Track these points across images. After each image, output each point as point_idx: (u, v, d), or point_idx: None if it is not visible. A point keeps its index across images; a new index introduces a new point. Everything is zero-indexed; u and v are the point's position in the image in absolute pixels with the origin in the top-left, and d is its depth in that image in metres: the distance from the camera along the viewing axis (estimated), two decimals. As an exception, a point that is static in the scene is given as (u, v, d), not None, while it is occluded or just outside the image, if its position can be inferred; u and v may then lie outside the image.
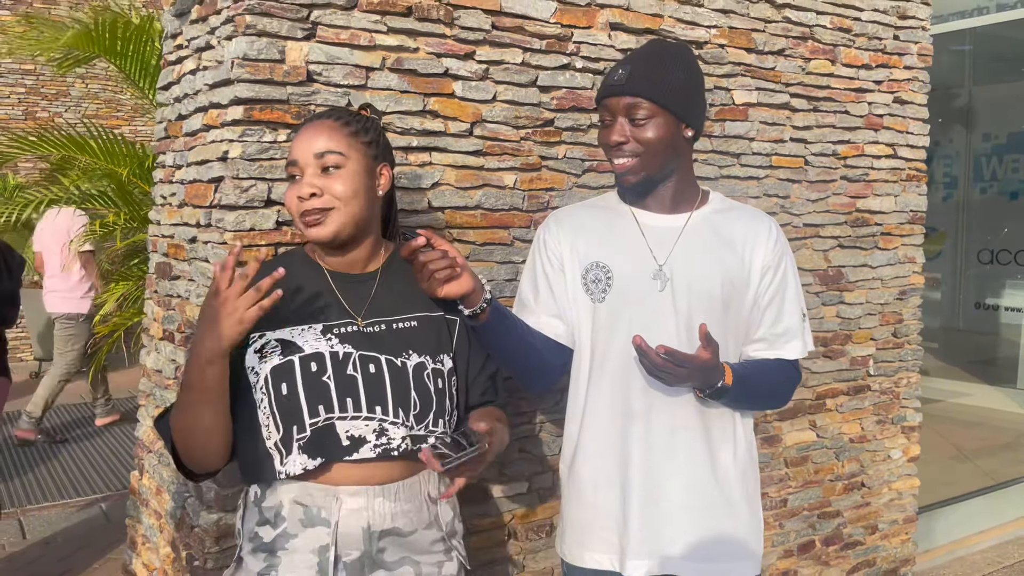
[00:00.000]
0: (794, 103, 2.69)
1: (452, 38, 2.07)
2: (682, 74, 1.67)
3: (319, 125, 1.52)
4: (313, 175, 1.49)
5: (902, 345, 3.08)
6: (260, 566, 1.49)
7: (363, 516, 1.47)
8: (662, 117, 1.62)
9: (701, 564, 1.66)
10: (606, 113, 1.67)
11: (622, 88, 1.63)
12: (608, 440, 1.70)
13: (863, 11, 2.83)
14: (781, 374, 1.75)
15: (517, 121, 2.18)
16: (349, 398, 1.46)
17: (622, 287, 1.68)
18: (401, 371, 1.50)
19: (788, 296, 1.73)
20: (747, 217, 1.75)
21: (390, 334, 1.54)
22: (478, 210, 2.15)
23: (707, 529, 1.67)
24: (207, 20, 2.04)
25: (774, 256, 1.71)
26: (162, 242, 2.34)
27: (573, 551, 1.76)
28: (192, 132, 2.11)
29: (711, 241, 1.69)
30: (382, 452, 1.48)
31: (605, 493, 1.70)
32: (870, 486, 3.03)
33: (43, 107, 10.00)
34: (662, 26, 2.38)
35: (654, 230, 1.70)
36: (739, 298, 1.69)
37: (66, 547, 4.04)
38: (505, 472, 2.23)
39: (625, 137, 1.63)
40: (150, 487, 2.33)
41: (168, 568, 2.14)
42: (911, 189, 3.05)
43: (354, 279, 1.57)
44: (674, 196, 1.71)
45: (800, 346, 1.75)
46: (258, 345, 1.49)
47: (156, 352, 2.35)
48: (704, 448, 1.68)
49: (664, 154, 1.65)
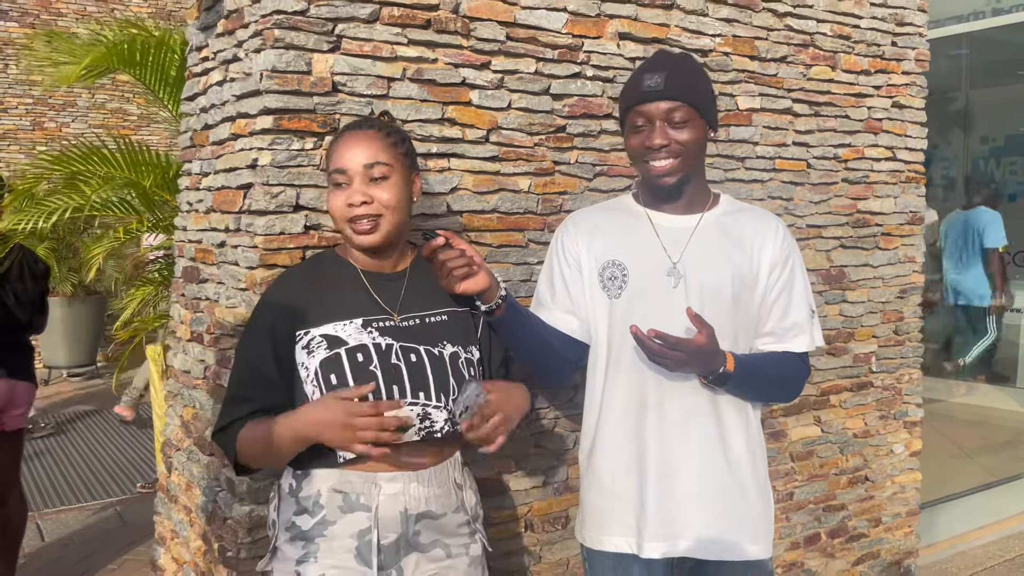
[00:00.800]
0: (796, 108, 2.78)
1: (469, 49, 2.16)
2: (705, 81, 1.81)
3: (363, 136, 1.61)
4: (361, 183, 1.59)
5: (903, 342, 3.16)
6: (298, 553, 1.57)
7: (400, 500, 1.57)
8: (697, 120, 1.74)
9: (714, 546, 1.75)
10: (640, 119, 1.74)
11: (660, 93, 1.71)
12: (624, 431, 1.79)
13: (862, 18, 2.92)
14: (788, 366, 1.83)
15: (531, 128, 2.27)
16: (395, 385, 1.56)
17: (637, 284, 1.77)
18: (439, 360, 1.60)
19: (796, 292, 1.81)
20: (756, 218, 1.84)
21: (424, 327, 1.63)
22: (494, 213, 2.23)
23: (720, 513, 1.76)
24: (234, 33, 2.13)
25: (781, 254, 1.80)
26: (189, 247, 2.42)
27: (593, 535, 1.84)
28: (220, 141, 2.20)
29: (722, 241, 1.78)
30: (426, 435, 1.57)
31: (623, 481, 1.79)
32: (874, 480, 3.11)
33: (50, 117, 10.09)
34: (668, 35, 2.47)
35: (668, 230, 1.79)
36: (748, 294, 1.78)
37: (84, 548, 4.12)
38: (521, 466, 2.31)
39: (667, 140, 1.72)
40: (179, 483, 2.41)
41: (199, 560, 2.22)
42: (910, 191, 3.14)
43: (386, 278, 1.66)
44: (689, 198, 1.81)
45: (808, 340, 1.83)
46: (304, 341, 1.58)
47: (183, 353, 2.43)
48: (716, 436, 1.77)
49: (697, 155, 1.77)
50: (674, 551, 1.76)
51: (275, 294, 1.66)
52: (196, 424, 2.31)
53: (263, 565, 1.67)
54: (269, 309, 1.63)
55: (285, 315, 1.60)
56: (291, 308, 1.60)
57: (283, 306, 1.61)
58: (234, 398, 1.63)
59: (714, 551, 1.76)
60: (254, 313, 1.67)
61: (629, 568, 1.79)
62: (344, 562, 1.56)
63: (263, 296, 1.68)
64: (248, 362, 1.63)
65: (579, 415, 2.36)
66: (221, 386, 2.14)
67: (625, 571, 1.80)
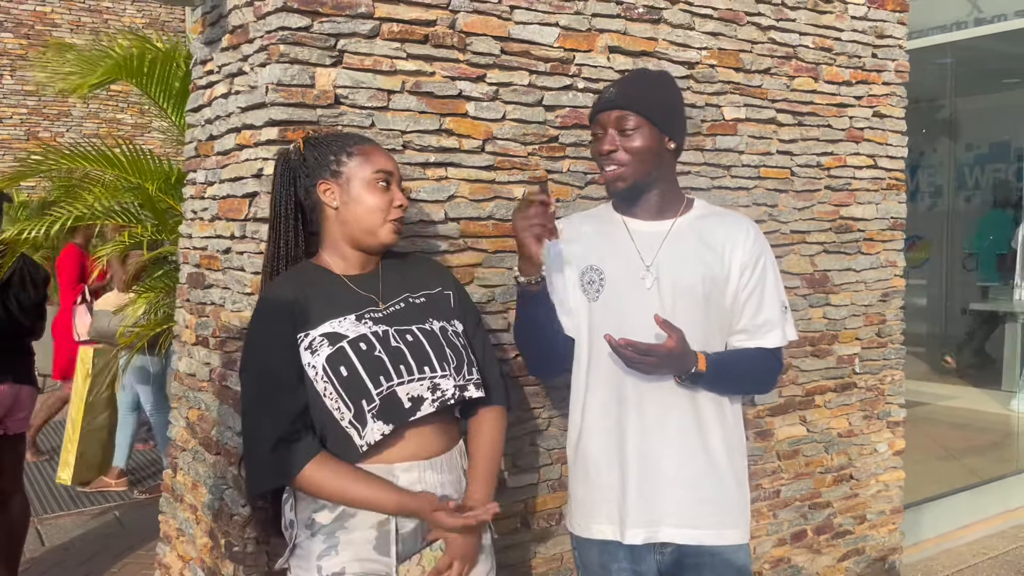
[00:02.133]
0: (780, 118, 2.88)
1: (465, 63, 2.25)
2: (664, 93, 1.92)
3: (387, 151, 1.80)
4: (399, 191, 1.75)
5: (885, 344, 3.26)
6: (320, 548, 1.64)
7: (417, 488, 1.65)
8: (647, 128, 1.84)
9: (692, 531, 1.85)
10: (598, 128, 1.89)
11: (612, 103, 1.85)
12: (607, 424, 1.89)
13: (843, 31, 3.02)
14: (760, 362, 1.92)
15: (525, 138, 2.36)
16: (402, 365, 1.65)
17: (614, 286, 1.88)
18: (432, 334, 1.71)
19: (767, 291, 1.90)
20: (727, 221, 1.94)
21: (410, 308, 1.75)
22: (490, 220, 2.32)
23: (697, 500, 1.85)
24: (239, 48, 2.22)
25: (751, 255, 1.89)
26: (194, 254, 2.50)
27: (581, 524, 1.95)
28: (225, 151, 2.28)
29: (694, 243, 1.88)
30: (440, 405, 1.67)
31: (606, 471, 1.89)
32: (858, 478, 3.20)
33: (45, 127, 10.16)
34: (656, 49, 2.57)
35: (642, 235, 1.90)
36: (719, 294, 1.88)
37: (84, 552, 4.17)
38: (517, 464, 2.39)
39: (615, 146, 1.85)
40: (185, 483, 2.48)
41: (205, 556, 2.29)
42: (891, 197, 3.24)
43: (363, 276, 1.77)
44: (660, 204, 1.91)
45: (779, 335, 1.91)
46: (306, 343, 1.65)
47: (189, 357, 2.51)
48: (694, 429, 1.86)
49: (649, 162, 1.86)
50: (655, 537, 1.85)
51: (269, 305, 1.70)
52: (202, 425, 2.39)
53: (281, 563, 1.72)
54: (270, 319, 1.68)
55: (285, 322, 1.66)
56: (288, 315, 1.67)
57: (281, 314, 1.67)
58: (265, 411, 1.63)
59: (694, 536, 1.85)
60: (254, 326, 1.70)
61: (615, 554, 1.89)
62: (364, 554, 1.62)
63: (259, 310, 1.71)
64: (265, 373, 1.64)
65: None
66: (227, 387, 2.22)
67: (611, 556, 1.89)
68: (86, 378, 5.01)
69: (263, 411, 1.63)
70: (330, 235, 1.76)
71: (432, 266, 1.93)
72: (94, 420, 5.05)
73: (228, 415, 2.20)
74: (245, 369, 1.69)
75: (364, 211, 1.72)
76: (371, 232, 1.72)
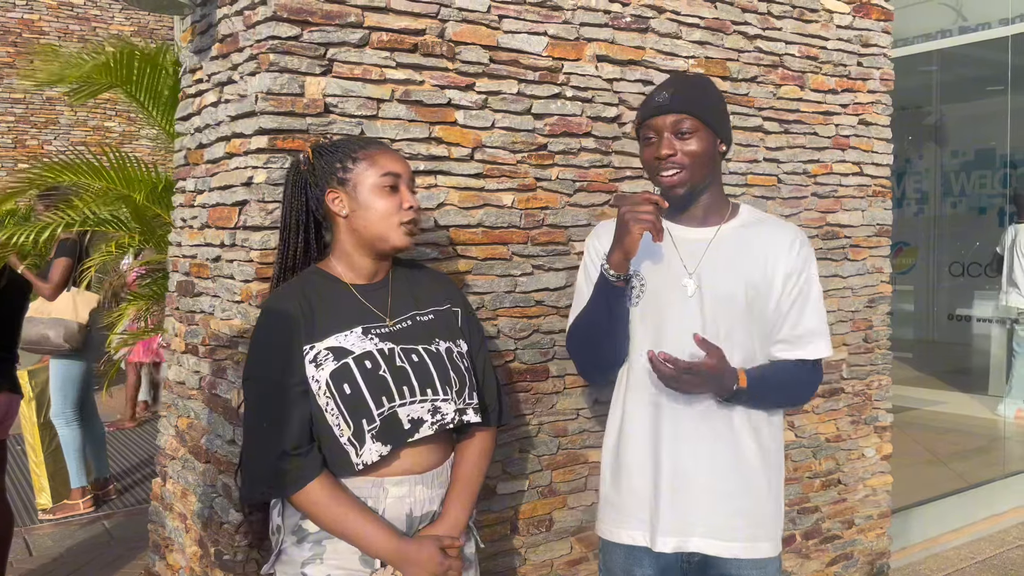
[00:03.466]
0: (766, 126, 2.90)
1: (454, 71, 2.26)
2: (713, 96, 1.89)
3: (395, 151, 1.77)
4: (409, 192, 1.72)
5: (872, 350, 3.28)
6: (306, 555, 1.64)
7: (406, 503, 1.65)
8: (704, 131, 1.82)
9: (722, 543, 1.82)
10: (650, 132, 1.84)
11: (668, 107, 1.81)
12: (642, 430, 1.87)
13: (828, 40, 3.05)
14: (799, 374, 1.88)
15: (514, 146, 2.37)
16: (405, 386, 1.64)
17: (654, 293, 1.86)
18: (438, 356, 1.70)
19: (810, 301, 1.86)
20: (772, 229, 1.90)
21: (417, 327, 1.73)
22: (479, 228, 2.33)
23: (729, 512, 1.83)
24: (228, 57, 2.23)
25: (796, 264, 1.84)
26: (183, 262, 2.50)
27: (611, 529, 1.93)
28: (215, 160, 2.29)
29: (737, 252, 1.85)
30: (438, 428, 1.66)
31: (639, 477, 1.87)
32: (846, 483, 3.22)
33: (32, 135, 10.12)
34: (644, 57, 2.59)
35: (685, 242, 1.88)
36: (762, 304, 1.84)
37: (74, 562, 4.15)
38: (507, 470, 2.40)
39: (673, 150, 1.81)
40: (175, 491, 2.48)
41: (195, 565, 2.29)
42: (877, 204, 3.27)
43: (372, 288, 1.74)
44: (705, 210, 1.89)
45: (822, 346, 1.87)
46: (311, 356, 1.64)
47: (178, 365, 2.51)
48: (729, 438, 1.83)
49: (706, 166, 1.84)
50: (685, 546, 1.83)
51: (275, 315, 1.67)
52: (191, 433, 2.38)
53: (267, 568, 1.72)
54: (276, 329, 1.66)
55: (292, 332, 1.64)
56: (294, 325, 1.64)
57: (287, 324, 1.65)
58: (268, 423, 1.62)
59: (725, 548, 1.82)
60: (260, 335, 1.68)
61: (641, 560, 1.88)
62: (349, 563, 1.62)
63: (265, 318, 1.69)
64: (269, 383, 1.63)
65: (561, 422, 2.47)
66: (216, 396, 2.22)
67: (637, 562, 1.88)
68: (30, 401, 4.85)
69: (266, 422, 1.62)
70: (341, 244, 1.74)
71: (441, 280, 1.89)
72: (53, 440, 4.89)
73: (218, 423, 2.20)
74: (248, 378, 1.67)
75: (374, 217, 1.68)
76: (383, 238, 1.69)
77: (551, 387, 2.45)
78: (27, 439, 4.99)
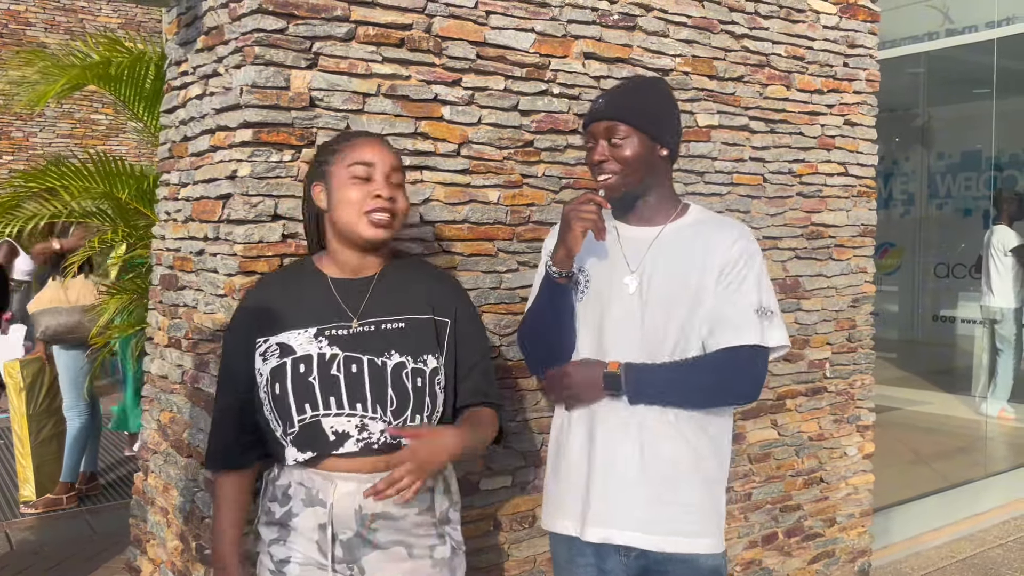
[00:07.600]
0: (753, 125, 2.91)
1: (441, 67, 2.26)
2: (654, 100, 1.91)
3: (382, 142, 1.73)
4: (384, 181, 1.66)
5: (856, 349, 3.30)
6: (272, 536, 1.69)
7: (355, 499, 1.63)
8: (636, 137, 1.84)
9: (650, 536, 1.83)
10: (589, 138, 1.89)
11: (602, 114, 1.86)
12: (580, 425, 1.90)
13: (815, 40, 3.07)
14: (725, 363, 1.81)
15: (500, 142, 2.37)
16: (332, 396, 1.62)
17: (597, 290, 1.89)
18: (381, 370, 1.64)
19: (742, 289, 1.82)
20: (715, 227, 1.90)
21: (377, 335, 1.67)
22: (465, 224, 2.33)
23: (658, 506, 1.83)
24: (214, 49, 2.22)
25: (730, 257, 1.83)
26: (167, 255, 2.49)
27: (549, 520, 1.98)
28: (199, 153, 2.27)
29: (678, 250, 1.87)
30: (364, 446, 1.63)
31: (576, 469, 1.90)
32: (828, 481, 3.23)
33: (18, 127, 10.04)
34: (631, 55, 2.59)
35: (630, 240, 1.91)
36: (700, 300, 1.85)
37: (55, 556, 4.12)
38: (490, 466, 2.40)
39: (605, 156, 1.85)
40: (156, 486, 2.47)
41: (176, 560, 2.28)
42: (862, 204, 3.29)
43: (353, 284, 1.72)
44: (652, 210, 1.92)
45: (742, 334, 1.80)
46: (262, 349, 1.66)
47: (161, 359, 2.49)
48: (660, 432, 1.84)
49: (641, 171, 1.85)
50: (613, 538, 1.84)
51: (249, 300, 1.75)
52: (174, 427, 2.37)
53: (249, 545, 1.80)
54: (244, 314, 1.74)
55: (254, 322, 1.69)
56: (259, 316, 1.69)
57: (254, 313, 1.71)
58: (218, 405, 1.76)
59: (647, 541, 1.83)
60: (232, 317, 1.78)
61: (582, 550, 1.90)
62: (308, 550, 1.65)
63: (240, 301, 1.77)
64: (225, 370, 1.75)
65: (545, 418, 2.47)
66: (199, 390, 2.21)
67: (578, 552, 1.91)
68: (20, 392, 4.83)
69: (218, 403, 1.75)
70: (328, 237, 1.74)
71: (438, 286, 1.79)
72: (41, 432, 4.88)
73: (200, 417, 2.19)
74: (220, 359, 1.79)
75: (343, 207, 1.65)
76: (351, 229, 1.65)
77: (535, 383, 2.45)
78: (15, 430, 4.97)
